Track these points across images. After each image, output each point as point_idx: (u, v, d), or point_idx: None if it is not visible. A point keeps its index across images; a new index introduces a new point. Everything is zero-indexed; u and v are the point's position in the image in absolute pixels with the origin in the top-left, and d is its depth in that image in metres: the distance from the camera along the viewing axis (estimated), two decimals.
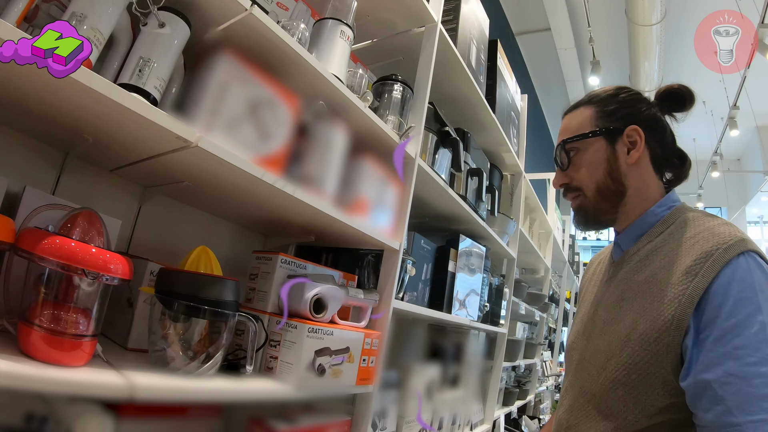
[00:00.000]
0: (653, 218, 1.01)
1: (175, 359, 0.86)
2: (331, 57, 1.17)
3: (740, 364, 0.74)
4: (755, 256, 0.82)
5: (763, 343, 0.74)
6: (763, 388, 0.72)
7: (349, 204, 1.23)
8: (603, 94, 1.09)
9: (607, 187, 1.03)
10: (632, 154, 1.01)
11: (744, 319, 0.76)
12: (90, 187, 1.15)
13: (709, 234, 0.87)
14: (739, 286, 0.79)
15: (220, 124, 0.88)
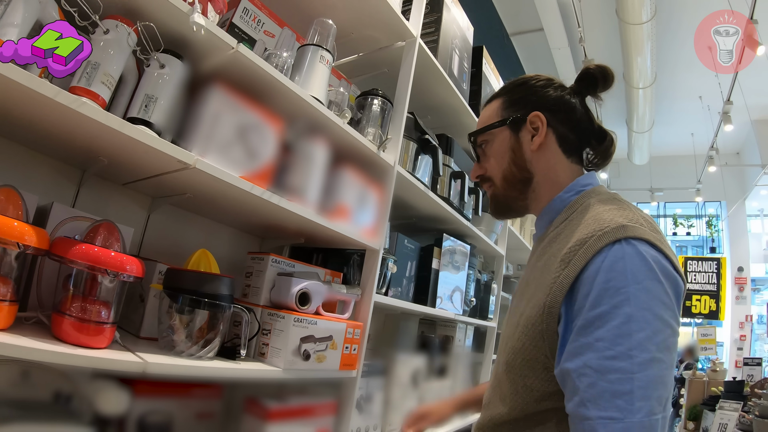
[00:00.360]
0: (560, 204, 0.98)
1: (180, 344, 1.04)
2: (311, 80, 1.33)
3: (598, 357, 0.71)
4: (635, 244, 0.76)
5: (623, 336, 0.70)
6: (617, 384, 0.69)
7: (331, 210, 1.40)
8: (510, 84, 1.09)
9: (513, 175, 1.02)
10: (535, 140, 1.01)
11: (608, 310, 0.72)
12: (105, 199, 1.32)
13: (592, 220, 0.84)
14: (607, 276, 0.74)
15: (214, 148, 1.06)
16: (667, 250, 0.79)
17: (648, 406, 0.68)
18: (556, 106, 1.02)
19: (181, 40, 1.09)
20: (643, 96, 7.43)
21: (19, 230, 0.83)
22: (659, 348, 0.71)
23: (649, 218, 0.86)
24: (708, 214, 11.10)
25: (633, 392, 0.68)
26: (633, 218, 0.82)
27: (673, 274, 0.77)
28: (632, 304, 0.72)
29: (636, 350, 0.69)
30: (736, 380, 4.96)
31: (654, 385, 0.69)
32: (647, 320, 0.71)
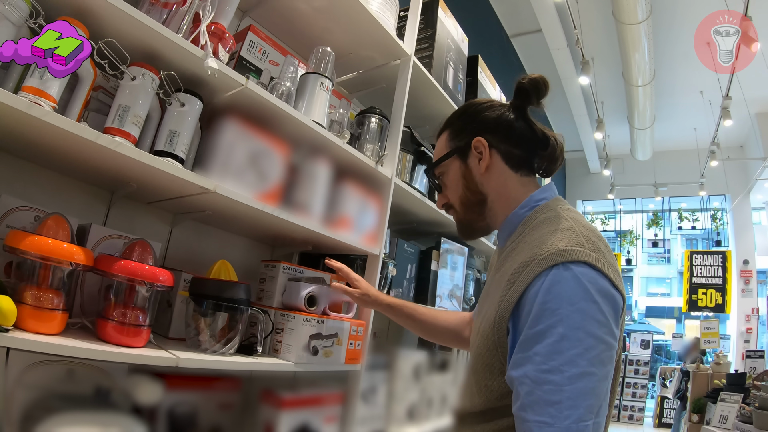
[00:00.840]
0: (517, 219, 1.05)
1: (205, 343, 1.20)
2: (313, 106, 1.50)
3: (535, 369, 0.80)
4: (572, 267, 0.83)
5: (556, 353, 0.78)
6: (549, 394, 0.77)
7: (334, 221, 1.57)
8: (454, 115, 1.18)
9: (468, 199, 1.10)
10: (481, 164, 1.07)
11: (544, 329, 0.80)
12: (132, 217, 1.48)
13: (536, 242, 0.91)
14: (545, 298, 0.82)
15: (230, 173, 1.23)
16: (607, 268, 0.86)
17: (577, 414, 0.76)
18: (495, 127, 1.09)
19: (196, 79, 1.25)
20: (643, 93, 7.51)
21: (69, 251, 1.00)
22: (591, 363, 0.79)
23: (594, 236, 0.92)
24: (713, 208, 11.14)
25: (562, 402, 0.77)
26: (573, 240, 0.88)
27: (611, 292, 0.85)
28: (565, 324, 0.80)
29: (566, 366, 0.78)
30: (738, 372, 5.08)
31: (583, 396, 0.77)
32: (579, 338, 0.79)
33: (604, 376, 0.81)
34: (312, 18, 1.80)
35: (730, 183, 9.59)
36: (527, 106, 1.10)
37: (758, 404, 3.95)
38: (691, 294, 9.09)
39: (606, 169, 9.89)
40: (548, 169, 1.12)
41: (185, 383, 1.29)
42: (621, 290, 0.87)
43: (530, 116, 1.11)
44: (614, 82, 7.86)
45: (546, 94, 1.08)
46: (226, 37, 1.29)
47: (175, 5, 1.21)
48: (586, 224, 0.97)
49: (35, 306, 0.96)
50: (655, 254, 18.22)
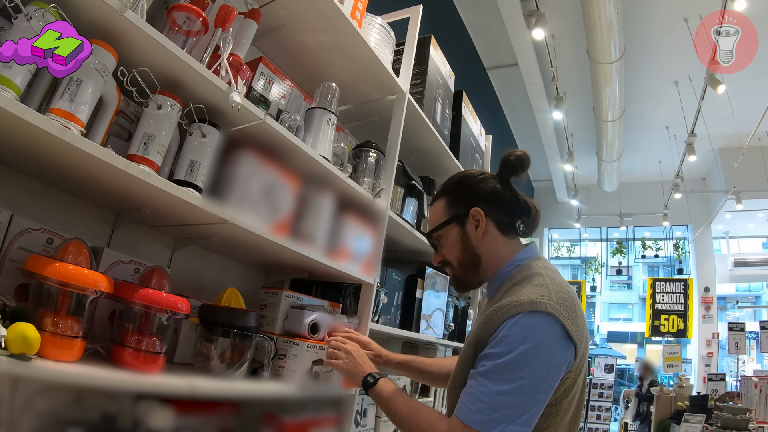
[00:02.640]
0: (503, 276, 1.24)
1: (215, 368, 1.24)
2: (319, 141, 1.56)
3: (481, 375, 1.05)
4: (536, 315, 1.05)
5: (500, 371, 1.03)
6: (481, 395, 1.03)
7: (335, 251, 1.63)
8: (450, 184, 1.36)
9: (465, 260, 1.29)
10: (479, 230, 1.26)
11: (498, 352, 1.04)
12: (134, 240, 1.50)
13: (514, 293, 1.12)
14: (508, 332, 1.05)
15: (246, 205, 1.28)
16: (566, 321, 1.07)
17: (490, 416, 1.01)
18: (490, 198, 1.28)
19: (215, 109, 1.30)
20: (612, 128, 7.79)
21: (91, 278, 1.01)
22: (519, 388, 1.01)
23: (563, 293, 1.12)
24: (675, 237, 11.53)
25: (486, 404, 1.02)
26: (544, 295, 1.09)
27: (562, 341, 1.07)
28: (513, 354, 1.03)
29: (501, 383, 1.02)
30: (701, 395, 5.25)
31: (502, 407, 1.01)
32: (519, 367, 1.02)
33: (528, 401, 1.02)
34: (316, 52, 1.87)
35: (692, 214, 9.97)
36: (511, 177, 1.31)
37: (721, 424, 4.09)
38: (654, 320, 9.36)
39: (573, 198, 10.18)
40: (528, 231, 1.33)
41: (188, 407, 1.31)
42: (575, 340, 1.08)
43: (513, 186, 1.32)
44: (584, 116, 8.14)
45: (528, 168, 1.30)
46: (243, 69, 1.35)
47: (198, 34, 1.25)
48: (560, 282, 1.17)
49: (55, 333, 0.96)
50: (617, 281, 18.64)
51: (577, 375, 1.13)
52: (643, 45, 6.61)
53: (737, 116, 7.26)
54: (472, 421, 1.02)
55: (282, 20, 1.72)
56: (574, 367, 1.11)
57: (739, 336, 5.72)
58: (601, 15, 5.28)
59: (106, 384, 0.99)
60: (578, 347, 1.09)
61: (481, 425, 1.01)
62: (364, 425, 1.83)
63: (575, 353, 1.09)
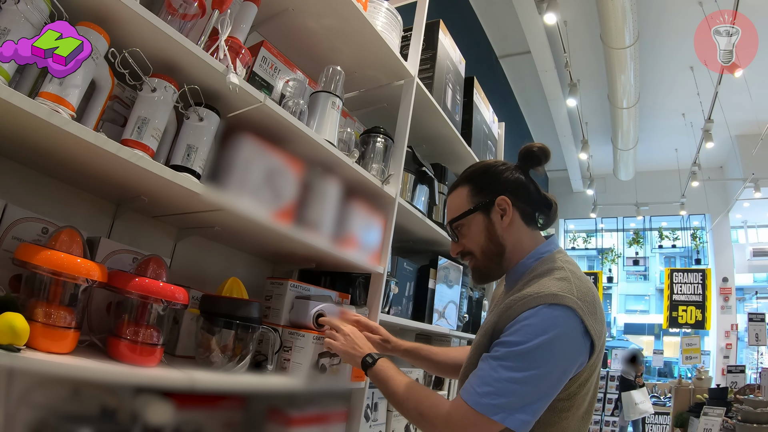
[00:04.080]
0: (524, 268, 1.22)
1: (217, 361, 1.19)
2: (324, 125, 1.50)
3: (494, 359, 1.04)
4: (557, 308, 1.03)
5: (513, 358, 1.01)
6: (491, 380, 1.01)
7: (342, 240, 1.56)
8: (474, 173, 1.31)
9: (489, 249, 1.25)
10: (504, 220, 1.23)
11: (515, 340, 1.02)
12: (136, 230, 1.46)
13: (536, 285, 1.10)
14: (527, 321, 1.03)
15: (246, 191, 1.22)
16: (586, 316, 1.04)
17: (496, 401, 0.99)
18: (516, 188, 1.26)
19: (214, 93, 1.25)
20: (628, 115, 7.67)
21: (84, 267, 0.97)
22: (528, 379, 1.00)
23: (584, 288, 1.10)
24: (693, 227, 11.35)
25: (493, 388, 1.00)
26: (566, 288, 1.07)
27: (579, 337, 1.05)
28: (529, 344, 1.01)
29: (512, 370, 1.01)
30: (720, 387, 5.15)
31: (509, 393, 0.99)
32: (532, 359, 1.00)
33: (537, 392, 1.01)
34: (321, 36, 1.82)
35: (710, 203, 9.80)
36: (532, 169, 1.29)
37: (741, 417, 4.00)
38: (672, 311, 9.21)
39: (589, 188, 10.05)
40: (547, 224, 1.31)
41: (190, 402, 1.26)
42: (593, 336, 1.06)
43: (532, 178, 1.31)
44: (599, 103, 8.02)
45: (549, 159, 1.28)
46: (242, 53, 1.29)
47: (194, 17, 1.21)
48: (581, 276, 1.15)
49: (47, 324, 0.93)
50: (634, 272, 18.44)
51: (592, 371, 1.11)
52: (657, 30, 6.47)
53: (755, 102, 7.10)
54: (477, 403, 1.00)
55: (284, 4, 1.67)
56: (590, 364, 1.09)
57: (759, 327, 5.60)
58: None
59: (96, 377, 0.94)
60: (596, 344, 1.07)
61: (485, 408, 0.99)
62: (375, 420, 1.78)
63: (592, 350, 1.07)
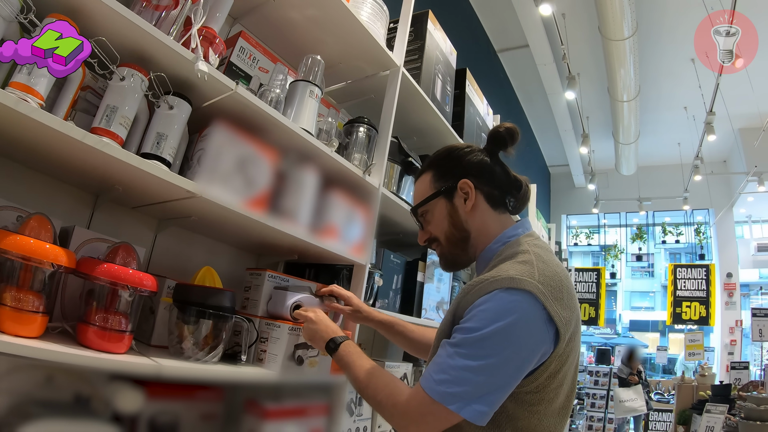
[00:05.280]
0: (490, 253, 1.17)
1: (188, 350, 1.18)
2: (302, 114, 1.49)
3: (451, 346, 1.00)
4: (514, 293, 0.98)
5: (468, 345, 0.97)
6: (447, 368, 0.98)
7: (321, 230, 1.56)
8: (437, 158, 1.29)
9: (453, 235, 1.21)
10: (467, 203, 1.19)
11: (469, 326, 0.99)
12: (116, 221, 1.46)
13: (495, 270, 1.05)
14: (483, 306, 0.99)
15: (217, 178, 1.21)
16: (547, 301, 0.99)
17: (451, 389, 0.96)
18: (479, 170, 1.22)
19: (186, 83, 1.25)
20: (628, 108, 7.61)
21: (51, 252, 0.97)
22: (482, 368, 0.96)
23: (550, 272, 1.05)
24: (696, 222, 11.27)
25: (449, 375, 0.97)
26: (525, 272, 1.02)
27: (541, 324, 0.99)
28: (483, 331, 0.97)
29: (466, 358, 0.97)
30: (723, 384, 5.11)
31: (463, 382, 0.96)
32: (486, 346, 0.97)
33: (493, 381, 0.97)
34: (303, 27, 1.81)
35: (713, 197, 9.72)
36: (501, 151, 1.24)
37: (744, 414, 3.97)
38: (675, 307, 9.13)
39: (591, 183, 10.00)
40: (518, 207, 1.27)
41: (167, 392, 1.26)
42: (557, 323, 1.00)
43: (501, 160, 1.26)
44: (599, 97, 7.97)
45: (517, 142, 1.23)
46: (216, 42, 1.29)
47: (167, 8, 1.21)
48: (548, 260, 1.09)
49: (14, 308, 0.94)
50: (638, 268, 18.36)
51: (563, 361, 1.04)
52: (657, 21, 6.41)
53: (757, 94, 7.03)
54: (434, 391, 0.97)
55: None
56: (557, 354, 1.02)
57: (763, 322, 5.53)
58: None
59: (59, 360, 0.93)
60: (561, 331, 1.01)
61: (441, 397, 0.96)
62: (360, 414, 1.76)
63: (557, 338, 1.01)
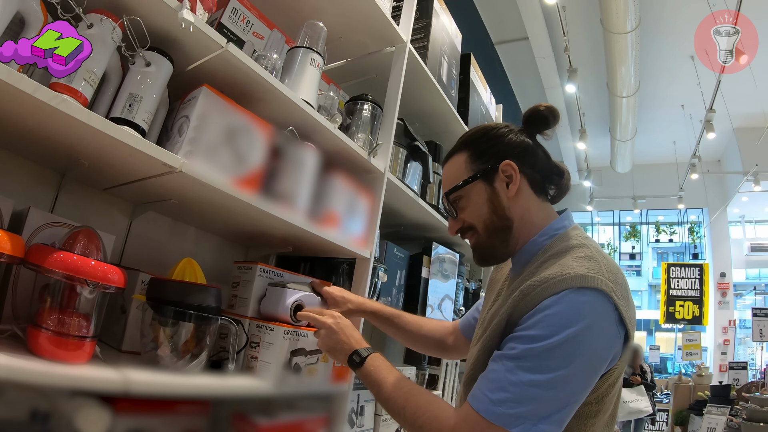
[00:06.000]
0: (535, 247, 1.03)
1: (165, 359, 0.98)
2: (301, 83, 1.29)
3: (510, 359, 0.85)
4: (587, 293, 0.85)
5: (533, 358, 0.83)
6: (507, 384, 0.83)
7: (320, 217, 1.35)
8: (472, 137, 1.12)
9: (494, 224, 1.05)
10: (511, 188, 1.04)
11: (535, 335, 0.84)
12: (85, 205, 1.26)
13: (557, 265, 0.92)
14: (552, 311, 0.85)
15: (201, 151, 1.01)
16: (620, 302, 0.87)
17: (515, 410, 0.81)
18: (522, 151, 1.07)
19: (168, 37, 1.05)
20: (627, 104, 7.52)
21: None
22: (553, 382, 0.82)
23: (613, 268, 0.93)
24: (690, 221, 11.23)
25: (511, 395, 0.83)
26: (594, 269, 0.89)
27: (613, 327, 0.87)
28: (553, 340, 0.83)
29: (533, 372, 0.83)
30: (722, 384, 5.02)
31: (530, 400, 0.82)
32: (556, 356, 0.83)
33: (564, 397, 0.83)
34: None
35: (708, 196, 9.70)
36: (539, 133, 1.11)
37: (747, 416, 3.87)
38: (668, 306, 9.10)
39: (586, 180, 9.90)
40: (558, 196, 1.13)
41: (142, 406, 1.05)
42: (627, 326, 0.89)
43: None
44: (597, 93, 7.89)
45: (557, 124, 1.10)
46: None
47: None
48: (606, 256, 0.98)
49: None
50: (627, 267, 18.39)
51: (622, 368, 0.95)
52: (658, 16, 6.31)
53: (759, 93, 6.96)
54: (492, 413, 0.83)
55: None
56: (621, 360, 0.92)
57: (763, 322, 5.44)
58: None
59: None
60: (630, 333, 0.90)
61: (501, 419, 0.82)
62: (361, 425, 1.58)
63: (625, 341, 0.90)
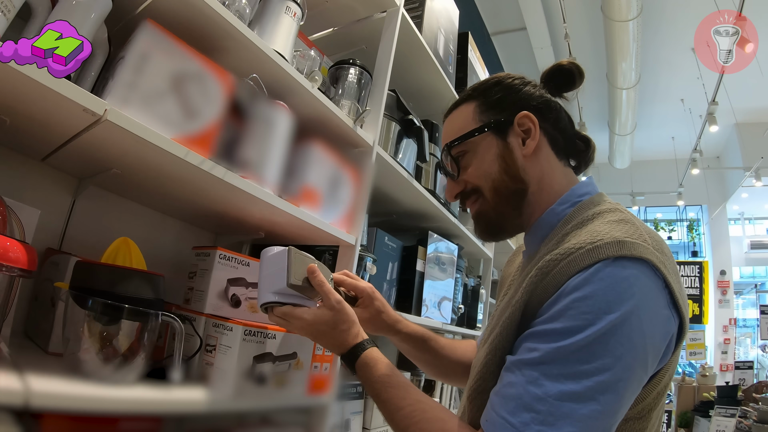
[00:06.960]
0: (554, 218, 0.85)
1: (87, 363, 0.77)
2: (274, 33, 1.09)
3: (531, 365, 0.66)
4: (628, 265, 0.66)
5: (562, 360, 0.64)
6: (533, 400, 0.63)
7: (295, 193, 1.14)
8: (483, 84, 0.94)
9: (505, 186, 0.86)
10: (528, 144, 0.87)
11: (562, 329, 0.65)
12: (20, 180, 1.05)
13: (584, 232, 0.73)
14: (583, 292, 0.65)
15: (139, 98, 0.80)
16: (671, 277, 0.68)
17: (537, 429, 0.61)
18: (543, 104, 0.90)
19: None
20: (626, 97, 7.38)
21: None
22: (594, 389, 0.62)
23: (656, 235, 0.75)
24: (689, 218, 11.11)
25: (540, 413, 0.62)
26: (634, 233, 0.70)
27: (665, 311, 0.68)
28: (587, 333, 0.63)
29: (565, 379, 0.63)
30: (729, 385, 4.84)
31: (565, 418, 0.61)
32: (594, 355, 0.62)
33: (610, 409, 0.63)
34: None
35: (708, 193, 9.62)
36: (563, 93, 0.94)
37: (757, 417, 3.70)
38: None
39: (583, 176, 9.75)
40: (582, 167, 0.95)
41: (73, 423, 0.84)
42: (681, 309, 0.69)
43: None
44: (596, 87, 7.79)
45: (581, 84, 0.93)
46: None
47: None
48: (645, 224, 0.78)
49: None
50: None
51: (674, 370, 0.74)
52: (660, 7, 6.13)
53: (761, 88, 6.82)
54: None
55: None
56: (673, 357, 0.72)
57: None
58: None
59: None
60: (684, 320, 0.70)
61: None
62: None
63: (680, 331, 0.70)
